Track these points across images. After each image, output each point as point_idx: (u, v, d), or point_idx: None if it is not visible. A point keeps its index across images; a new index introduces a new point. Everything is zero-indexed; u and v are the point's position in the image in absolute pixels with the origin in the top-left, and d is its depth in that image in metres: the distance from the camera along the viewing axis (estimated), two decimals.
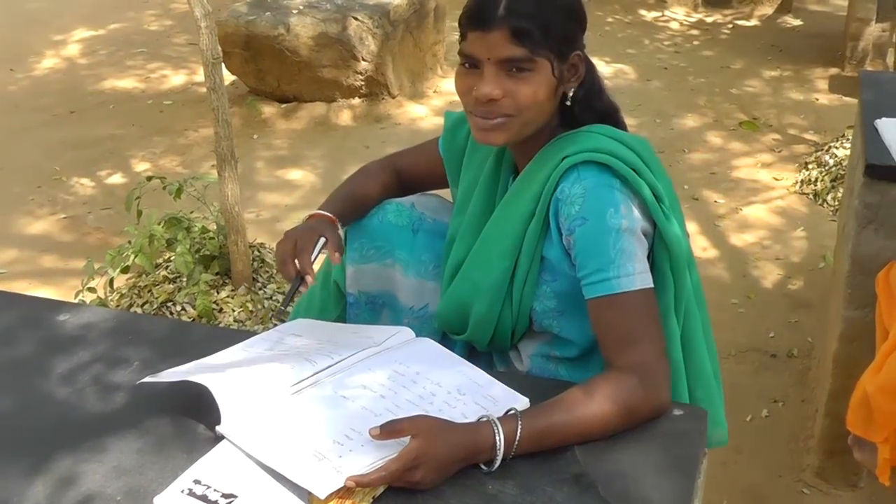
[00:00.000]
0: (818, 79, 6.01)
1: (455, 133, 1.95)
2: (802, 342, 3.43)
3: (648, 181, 1.65)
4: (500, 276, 1.73)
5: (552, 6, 1.62)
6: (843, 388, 2.60)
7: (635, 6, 7.41)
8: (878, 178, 2.36)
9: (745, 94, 5.83)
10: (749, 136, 5.21)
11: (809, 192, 4.52)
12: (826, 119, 5.37)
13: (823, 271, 3.86)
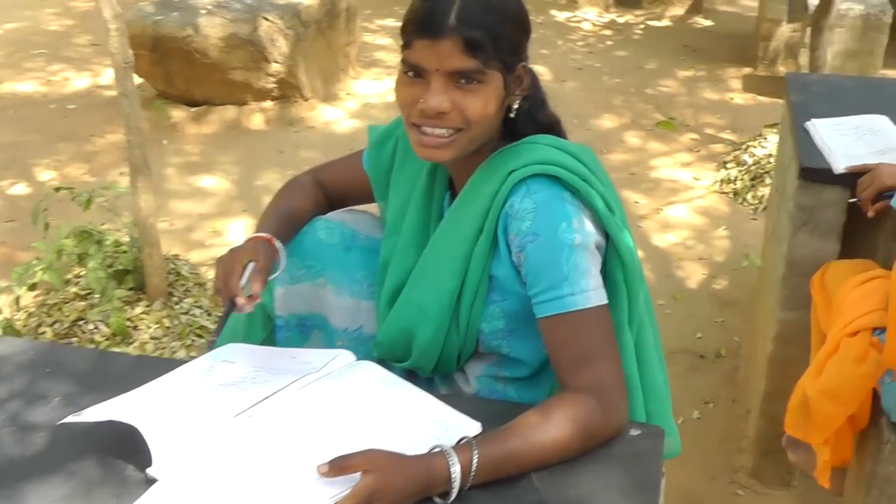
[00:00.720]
0: (732, 78, 6.08)
1: (381, 149, 1.85)
2: (730, 342, 3.43)
3: (600, 192, 1.58)
4: (447, 299, 1.64)
5: (503, 16, 1.54)
6: (778, 389, 2.60)
7: (547, 6, 7.41)
8: (812, 181, 2.36)
9: (660, 94, 5.86)
10: (667, 135, 5.23)
11: (729, 191, 4.55)
12: (742, 118, 5.42)
13: (747, 270, 3.88)
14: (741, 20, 7.17)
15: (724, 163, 4.80)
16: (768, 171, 4.47)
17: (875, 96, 2.77)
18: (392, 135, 1.83)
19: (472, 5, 1.50)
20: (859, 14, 5.22)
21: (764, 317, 2.82)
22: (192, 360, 1.61)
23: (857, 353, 2.06)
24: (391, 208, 1.81)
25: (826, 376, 2.11)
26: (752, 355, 3.09)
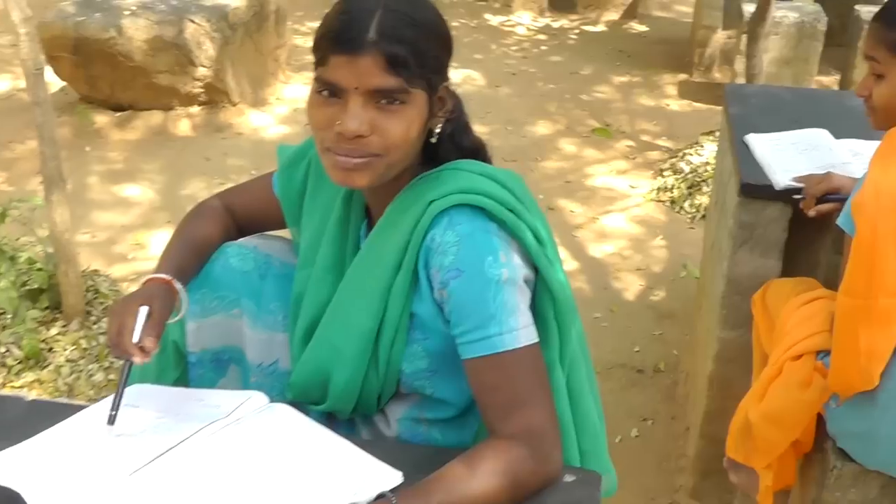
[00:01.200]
0: (667, 84, 6.04)
1: (291, 172, 1.71)
2: (668, 355, 3.38)
3: (528, 223, 1.47)
4: (365, 338, 1.52)
5: (427, 31, 1.43)
6: (719, 409, 2.54)
7: (480, 10, 7.33)
8: (753, 197, 2.30)
9: (595, 100, 5.80)
10: (602, 142, 5.18)
11: (666, 200, 4.50)
12: (678, 125, 5.39)
13: (685, 281, 3.83)
14: (676, 26, 7.16)
15: (660, 170, 4.75)
16: (705, 179, 4.44)
17: (814, 108, 2.72)
18: (304, 156, 1.70)
19: (393, 18, 1.38)
20: (794, 22, 5.22)
21: (703, 333, 2.76)
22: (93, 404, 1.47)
23: (801, 378, 2.01)
24: (305, 237, 1.68)
25: (769, 401, 2.06)
26: (691, 370, 3.03)
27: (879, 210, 1.75)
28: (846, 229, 1.83)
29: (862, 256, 1.78)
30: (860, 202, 1.78)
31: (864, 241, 1.77)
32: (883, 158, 1.81)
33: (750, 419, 2.09)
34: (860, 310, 1.80)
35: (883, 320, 1.79)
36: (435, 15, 1.46)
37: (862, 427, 1.92)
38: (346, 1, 1.43)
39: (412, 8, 1.42)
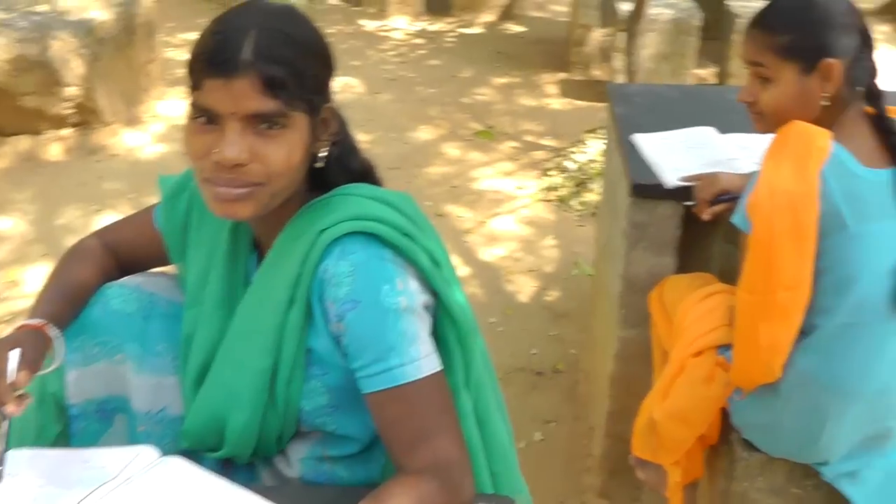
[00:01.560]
0: (547, 84, 6.08)
1: (173, 205, 1.62)
2: (567, 355, 3.38)
3: (424, 246, 1.42)
4: (260, 378, 1.44)
5: (306, 49, 1.36)
6: (623, 407, 2.55)
7: (355, 16, 7.26)
8: (644, 197, 2.31)
9: (477, 102, 5.79)
10: (486, 145, 5.17)
11: (554, 199, 4.51)
12: (560, 124, 5.42)
13: (578, 278, 3.85)
14: (553, 25, 7.22)
15: (546, 170, 4.77)
16: (592, 176, 4.48)
17: (698, 105, 2.75)
18: (185, 187, 1.61)
19: (270, 37, 1.31)
20: (670, 18, 5.32)
21: (602, 332, 2.76)
22: None
23: (703, 374, 2.03)
24: (191, 273, 1.59)
25: (673, 399, 2.07)
26: (591, 369, 3.04)
27: (774, 208, 1.77)
28: (742, 227, 1.84)
29: (759, 254, 1.80)
30: (755, 202, 1.80)
31: (761, 239, 1.79)
32: (774, 157, 1.83)
33: (655, 418, 2.10)
34: (760, 305, 1.82)
35: (782, 314, 1.82)
36: (313, 32, 1.40)
37: (766, 418, 1.95)
38: (220, 20, 1.36)
39: (289, 25, 1.36)
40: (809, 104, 1.88)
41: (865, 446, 1.91)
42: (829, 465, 1.93)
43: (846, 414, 1.84)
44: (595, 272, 3.17)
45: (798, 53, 1.86)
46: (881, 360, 1.82)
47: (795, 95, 1.89)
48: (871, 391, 1.83)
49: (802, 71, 1.87)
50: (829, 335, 1.83)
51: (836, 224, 1.76)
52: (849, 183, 1.77)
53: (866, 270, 1.78)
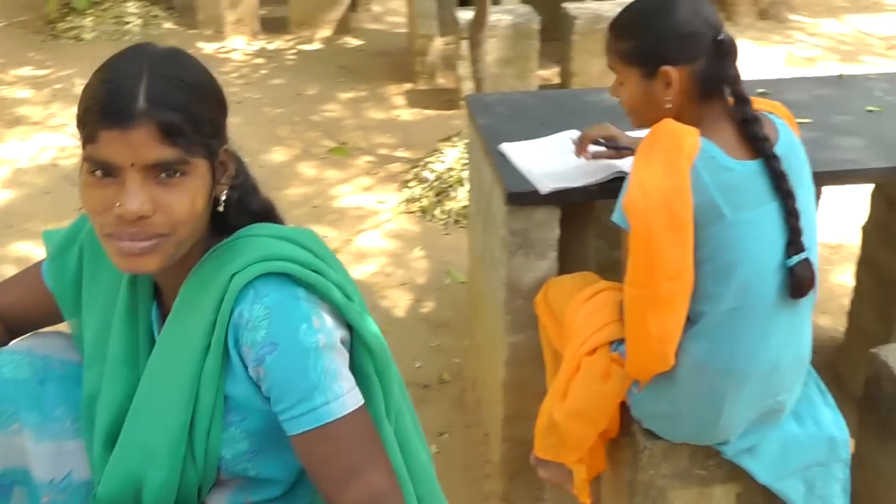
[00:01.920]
0: (394, 95, 6.10)
1: (63, 260, 1.57)
2: (451, 365, 3.42)
3: (334, 281, 1.42)
4: (178, 432, 1.40)
5: (199, 93, 1.34)
6: (518, 411, 2.60)
7: (192, 39, 7.11)
8: (521, 205, 2.35)
9: (326, 119, 5.77)
10: (342, 161, 5.16)
11: (416, 210, 4.54)
12: (412, 135, 5.45)
13: (451, 287, 3.89)
14: (391, 37, 7.26)
15: (405, 182, 4.80)
16: (452, 184, 4.53)
17: (558, 109, 2.82)
18: (74, 240, 1.57)
19: (163, 83, 1.29)
20: (509, 24, 5.42)
21: (488, 339, 2.81)
22: None
23: (600, 372, 2.09)
24: (89, 330, 1.54)
25: (572, 398, 2.13)
26: (478, 376, 3.08)
27: (648, 206, 1.85)
28: (621, 225, 1.92)
29: (640, 249, 1.88)
30: (630, 202, 1.88)
31: (640, 236, 1.87)
32: (644, 155, 1.91)
33: (556, 419, 2.16)
34: (646, 297, 1.90)
35: (667, 304, 1.90)
36: (204, 74, 1.38)
37: (666, 407, 2.03)
38: (107, 67, 1.33)
39: (180, 69, 1.34)
40: (655, 106, 1.99)
41: (760, 421, 2.01)
42: (728, 443, 2.02)
43: (741, 394, 1.94)
44: (470, 280, 3.22)
45: (638, 60, 1.98)
46: (769, 339, 1.92)
47: (642, 98, 2.01)
48: (762, 370, 1.93)
49: (644, 76, 1.98)
50: (717, 321, 1.92)
51: (713, 215, 1.86)
52: (721, 175, 1.87)
53: (747, 256, 1.89)
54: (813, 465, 2.05)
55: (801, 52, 6.72)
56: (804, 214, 1.92)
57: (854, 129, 2.58)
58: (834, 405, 2.12)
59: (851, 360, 3.03)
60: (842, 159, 2.39)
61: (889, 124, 2.61)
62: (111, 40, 7.08)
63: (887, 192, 2.81)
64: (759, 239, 1.89)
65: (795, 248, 1.90)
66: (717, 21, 1.97)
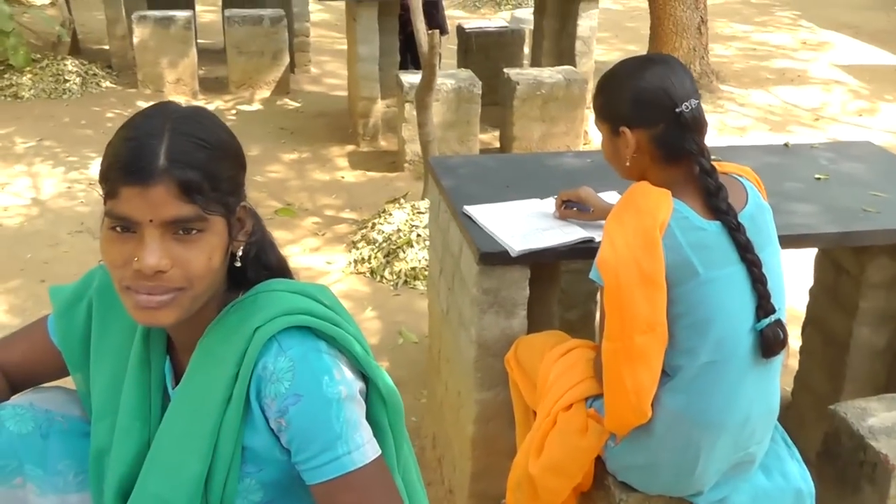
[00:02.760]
0: (337, 157, 6.18)
1: (71, 316, 1.59)
2: (407, 423, 3.37)
3: (352, 334, 1.48)
4: (194, 484, 1.42)
5: (218, 152, 1.38)
6: (485, 467, 2.65)
7: (132, 99, 7.10)
8: (492, 265, 2.42)
9: (271, 180, 5.81)
10: (288, 222, 5.20)
11: (366, 271, 4.60)
12: (357, 196, 5.52)
13: (404, 347, 3.94)
14: (330, 99, 7.35)
15: (353, 243, 4.85)
16: (400, 245, 4.59)
17: (518, 172, 2.92)
18: (83, 295, 1.59)
19: (183, 142, 1.33)
20: (452, 88, 5.55)
21: (452, 398, 2.85)
22: None
23: (576, 427, 2.15)
24: (98, 384, 1.55)
25: (549, 453, 2.18)
26: (440, 434, 3.12)
27: (619, 262, 1.94)
28: (597, 282, 2.00)
29: (613, 304, 1.96)
30: (602, 259, 1.98)
31: (612, 291, 1.96)
32: (617, 216, 2.01)
33: (531, 473, 2.20)
34: (620, 351, 1.97)
35: (641, 357, 1.96)
36: (225, 133, 1.43)
37: (643, 459, 2.09)
38: (130, 125, 1.37)
39: (200, 128, 1.38)
40: (620, 161, 2.12)
41: (732, 473, 2.10)
42: (702, 494, 2.09)
43: (716, 445, 2.01)
44: (431, 340, 3.27)
45: (605, 117, 2.12)
46: (742, 391, 2.01)
47: (611, 152, 2.15)
48: (736, 422, 2.01)
49: (611, 132, 2.11)
50: (693, 374, 2.00)
51: (688, 272, 1.95)
52: (694, 235, 1.96)
53: (722, 313, 1.98)
54: None
55: (733, 122, 7.01)
56: (772, 276, 2.02)
57: (804, 195, 2.72)
58: (799, 458, 2.20)
59: (800, 418, 3.14)
60: (797, 224, 2.53)
61: (836, 191, 2.76)
62: (50, 98, 7.05)
63: (833, 255, 2.95)
64: (731, 295, 1.99)
65: (764, 312, 2.00)
66: (684, 93, 2.04)
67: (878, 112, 7.61)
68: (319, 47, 9.01)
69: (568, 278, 3.22)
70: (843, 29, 10.89)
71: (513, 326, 2.50)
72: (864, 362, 2.91)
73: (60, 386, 1.67)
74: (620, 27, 10.96)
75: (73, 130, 6.40)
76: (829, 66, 9.12)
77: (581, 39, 6.39)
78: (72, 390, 1.66)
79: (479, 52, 7.01)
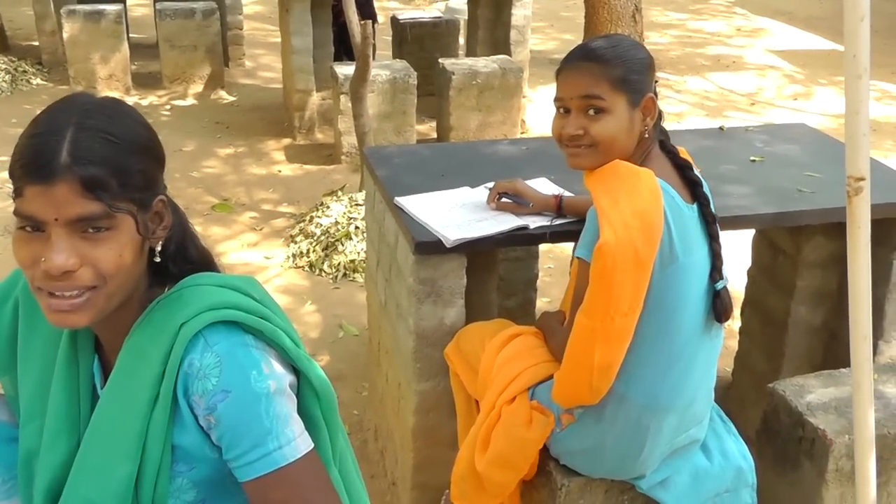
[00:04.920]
0: (273, 151, 6.11)
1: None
2: (350, 416, 3.41)
3: (281, 327, 1.43)
4: (125, 484, 1.37)
5: (128, 146, 1.32)
6: (427, 458, 2.63)
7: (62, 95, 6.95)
8: (428, 254, 2.39)
9: (206, 175, 5.73)
10: (225, 218, 5.13)
11: (304, 265, 4.54)
12: (295, 190, 5.46)
13: (345, 340, 3.91)
14: (265, 92, 7.27)
15: (291, 237, 4.79)
16: (339, 238, 4.55)
17: (453, 160, 2.90)
18: (9, 296, 1.53)
19: (88, 137, 1.27)
20: (387, 79, 5.51)
21: (392, 390, 2.83)
22: None
23: (521, 420, 2.12)
24: (26, 386, 1.50)
25: (495, 447, 2.15)
26: (382, 426, 3.09)
27: (617, 244, 1.87)
28: (586, 260, 1.94)
29: (601, 284, 1.89)
30: (604, 241, 1.88)
31: (604, 272, 1.88)
32: (609, 195, 1.93)
33: (478, 469, 2.17)
34: (599, 331, 1.92)
35: (618, 337, 1.93)
36: (138, 125, 1.36)
37: (589, 442, 2.07)
38: (37, 122, 1.31)
39: (108, 122, 1.31)
40: (633, 136, 2.03)
41: (674, 455, 2.09)
42: (644, 477, 2.09)
43: (662, 429, 2.01)
44: (371, 332, 3.24)
45: (627, 86, 2.01)
46: (692, 376, 2.01)
47: (624, 126, 2.01)
48: (682, 405, 2.01)
49: (630, 103, 2.01)
50: (648, 359, 1.98)
51: (671, 257, 1.93)
52: (679, 218, 1.95)
53: (687, 297, 1.97)
54: (723, 492, 2.14)
55: (670, 108, 7.07)
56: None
57: (740, 177, 2.74)
58: (737, 434, 2.21)
59: (741, 398, 3.17)
60: (733, 205, 2.53)
61: (772, 173, 2.78)
62: None
63: (770, 236, 2.97)
64: (696, 281, 1.98)
65: (719, 275, 2.00)
66: None
67: (813, 95, 7.73)
68: (253, 40, 8.91)
69: (507, 266, 3.21)
70: (777, 15, 11.06)
71: (451, 316, 2.47)
72: (801, 340, 2.94)
73: None
74: (556, 16, 11.00)
75: (2, 129, 6.24)
76: (764, 51, 9.24)
77: (516, 28, 6.38)
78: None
79: (414, 43, 6.99)
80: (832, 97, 7.63)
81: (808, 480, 2.23)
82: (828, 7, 11.42)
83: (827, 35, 9.94)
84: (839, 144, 3.04)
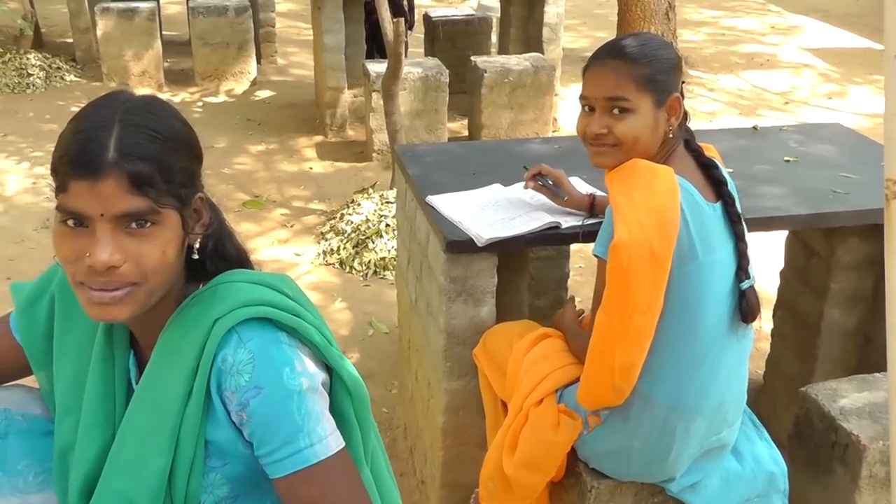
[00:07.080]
0: (305, 148, 6.12)
1: (33, 311, 1.54)
2: (379, 414, 3.42)
3: (314, 324, 1.44)
4: (157, 480, 1.39)
5: (171, 143, 1.33)
6: (456, 457, 2.63)
7: (96, 92, 6.97)
8: (459, 253, 2.39)
9: (238, 172, 5.76)
10: (256, 214, 5.15)
11: (335, 262, 4.56)
12: (326, 187, 5.48)
13: (375, 338, 3.91)
14: (297, 89, 7.28)
15: (322, 234, 4.81)
16: (370, 236, 4.55)
17: (485, 159, 2.89)
18: (44, 292, 1.54)
19: (133, 134, 1.28)
20: (419, 77, 5.51)
21: (422, 388, 2.83)
22: None
23: (548, 422, 2.11)
24: (62, 381, 1.51)
25: (523, 450, 2.15)
26: (411, 424, 3.09)
27: (632, 242, 1.87)
28: (603, 258, 1.93)
29: (618, 282, 1.89)
30: (619, 239, 1.88)
31: (620, 270, 1.88)
32: (626, 192, 1.93)
33: (506, 471, 2.17)
34: (617, 329, 1.91)
35: (637, 336, 1.91)
36: (179, 122, 1.38)
37: (616, 444, 2.06)
38: (81, 118, 1.32)
39: (152, 119, 1.32)
40: (658, 136, 2.02)
41: (704, 458, 2.08)
42: (674, 481, 2.08)
43: (690, 431, 1.99)
44: (401, 330, 3.24)
45: (653, 86, 1.99)
46: (718, 377, 1.99)
47: (649, 126, 2.00)
48: (710, 407, 1.99)
49: (655, 103, 2.00)
50: (672, 359, 1.97)
51: (690, 255, 1.92)
52: (699, 216, 1.93)
53: (710, 296, 1.95)
54: (753, 497, 2.12)
55: (702, 107, 7.01)
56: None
57: (774, 178, 2.71)
58: (769, 438, 2.20)
59: (773, 401, 3.14)
60: (766, 206, 2.51)
61: (806, 173, 2.75)
62: (14, 93, 6.96)
63: (803, 237, 2.94)
64: (719, 280, 1.97)
65: (746, 274, 1.98)
66: None
67: (848, 94, 7.65)
68: (285, 37, 8.95)
69: (538, 265, 3.20)
70: (812, 13, 10.95)
71: (481, 315, 2.47)
72: (835, 344, 2.91)
73: (21, 384, 1.62)
74: (588, 14, 10.96)
75: (37, 125, 6.32)
76: (799, 49, 9.16)
77: (548, 26, 6.36)
78: (33, 388, 1.61)
79: (447, 40, 6.98)
80: (868, 96, 7.55)
81: (840, 486, 2.20)
82: (864, 4, 11.30)
83: (863, 33, 9.83)
84: (875, 145, 3.00)
